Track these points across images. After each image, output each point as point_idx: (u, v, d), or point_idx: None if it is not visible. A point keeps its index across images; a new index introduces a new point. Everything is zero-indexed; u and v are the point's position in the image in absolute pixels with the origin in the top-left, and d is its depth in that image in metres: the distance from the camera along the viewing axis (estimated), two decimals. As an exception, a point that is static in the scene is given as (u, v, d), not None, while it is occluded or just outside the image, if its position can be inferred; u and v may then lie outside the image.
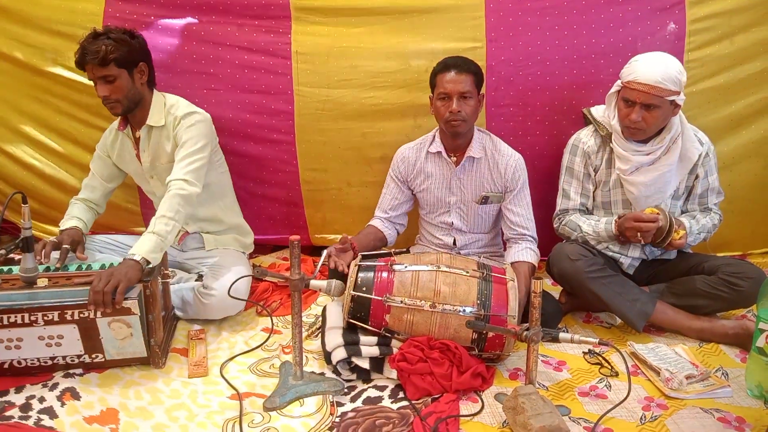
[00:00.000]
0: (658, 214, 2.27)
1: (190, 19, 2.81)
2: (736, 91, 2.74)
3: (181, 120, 2.42)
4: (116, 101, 2.36)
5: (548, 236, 2.62)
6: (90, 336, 2.03)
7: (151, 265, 2.10)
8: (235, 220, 2.75)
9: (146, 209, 3.09)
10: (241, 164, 2.89)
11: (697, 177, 2.42)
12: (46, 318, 1.98)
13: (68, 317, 1.99)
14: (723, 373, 2.12)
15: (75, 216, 2.49)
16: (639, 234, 2.26)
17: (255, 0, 2.78)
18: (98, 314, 2.00)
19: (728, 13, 2.69)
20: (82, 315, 1.99)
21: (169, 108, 2.47)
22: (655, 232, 2.26)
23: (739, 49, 2.71)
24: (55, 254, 2.28)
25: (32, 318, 1.97)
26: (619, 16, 2.71)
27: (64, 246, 2.27)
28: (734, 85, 2.73)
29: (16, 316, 1.96)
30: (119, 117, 2.50)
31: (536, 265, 2.46)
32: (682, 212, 2.48)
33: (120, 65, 2.32)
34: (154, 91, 2.49)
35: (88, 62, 2.30)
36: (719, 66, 2.72)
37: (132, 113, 2.45)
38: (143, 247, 2.12)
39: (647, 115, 2.26)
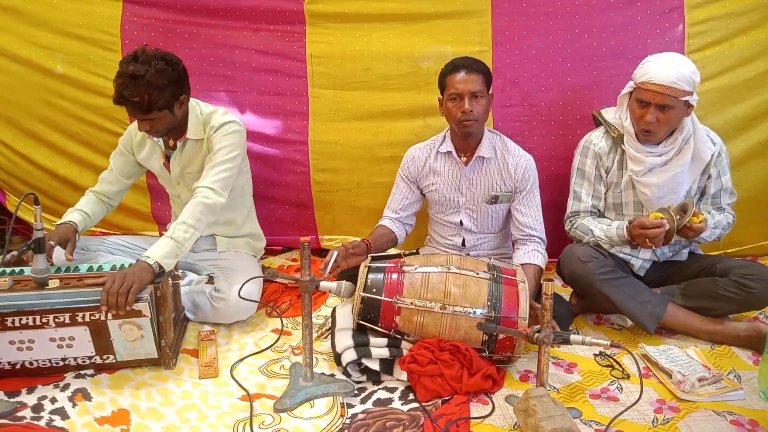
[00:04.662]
0: (662, 218, 2.21)
1: (206, 24, 2.83)
2: (740, 92, 2.77)
3: (217, 129, 2.39)
4: (157, 132, 2.33)
5: (557, 237, 2.61)
6: (101, 337, 2.04)
7: (164, 270, 2.11)
8: (251, 227, 2.74)
9: (157, 211, 3.10)
10: (255, 165, 2.92)
11: (709, 177, 2.40)
12: (57, 320, 1.98)
13: (79, 319, 1.99)
14: (735, 376, 2.10)
15: (78, 209, 2.45)
16: (648, 240, 2.22)
17: (270, 7, 2.82)
18: (109, 316, 1.99)
19: (726, 16, 2.72)
20: (93, 317, 1.99)
21: (205, 117, 2.44)
22: (666, 235, 2.23)
23: (739, 51, 2.74)
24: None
25: (43, 320, 1.98)
26: (620, 20, 2.76)
27: (50, 242, 2.20)
28: (737, 86, 2.76)
29: (27, 318, 1.97)
30: None
31: (543, 268, 2.45)
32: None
33: (162, 109, 2.25)
34: None
35: (129, 110, 2.24)
36: (720, 67, 2.75)
37: None
38: (159, 251, 2.11)
39: (661, 116, 2.25)
